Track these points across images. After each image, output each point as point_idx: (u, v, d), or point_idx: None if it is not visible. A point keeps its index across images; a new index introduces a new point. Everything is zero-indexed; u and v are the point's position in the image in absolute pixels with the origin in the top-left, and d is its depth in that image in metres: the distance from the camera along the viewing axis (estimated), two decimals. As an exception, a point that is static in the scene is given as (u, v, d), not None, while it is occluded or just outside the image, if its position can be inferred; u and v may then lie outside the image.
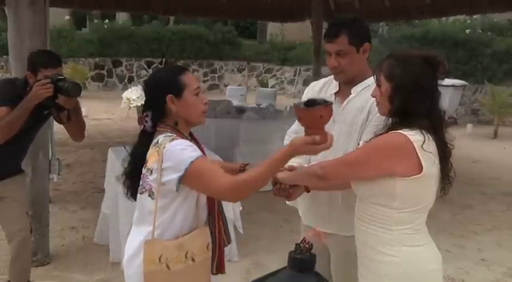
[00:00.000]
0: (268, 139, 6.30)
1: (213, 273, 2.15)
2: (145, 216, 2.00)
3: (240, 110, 7.45)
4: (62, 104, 3.05)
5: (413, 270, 1.91)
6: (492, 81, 12.51)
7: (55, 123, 3.35)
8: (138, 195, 2.02)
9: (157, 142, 1.94)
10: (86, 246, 4.48)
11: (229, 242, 2.24)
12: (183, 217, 1.98)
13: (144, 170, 1.97)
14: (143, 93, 2.05)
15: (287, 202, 2.60)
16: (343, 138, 2.28)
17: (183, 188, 1.92)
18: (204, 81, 18.13)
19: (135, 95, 2.02)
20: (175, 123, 2.02)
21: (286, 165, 2.25)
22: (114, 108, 10.93)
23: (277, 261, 3.30)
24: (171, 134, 1.97)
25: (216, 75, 18.32)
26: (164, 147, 1.89)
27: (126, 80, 16.65)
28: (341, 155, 2.16)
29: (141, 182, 1.99)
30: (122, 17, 18.74)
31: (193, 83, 2.03)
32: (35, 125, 3.29)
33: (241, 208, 4.28)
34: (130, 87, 2.07)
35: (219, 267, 2.18)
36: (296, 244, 1.70)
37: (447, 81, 11.71)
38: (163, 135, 1.96)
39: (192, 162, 1.86)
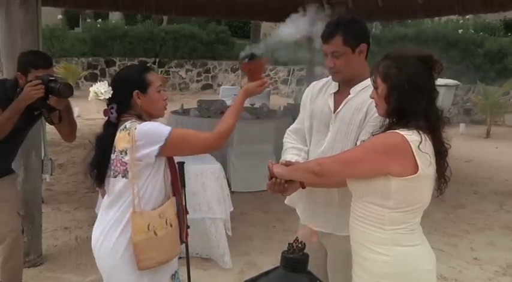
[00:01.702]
0: (262, 139, 6.30)
1: (182, 242, 2.38)
2: (118, 196, 2.19)
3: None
4: (53, 105, 3.04)
5: (406, 270, 1.92)
6: (484, 81, 12.57)
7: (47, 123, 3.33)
8: (111, 179, 2.21)
9: (126, 127, 2.15)
10: (78, 246, 4.46)
11: (187, 212, 2.50)
12: (157, 189, 2.21)
13: (114, 156, 2.17)
14: (110, 88, 2.22)
15: (285, 201, 2.61)
16: (340, 137, 2.29)
17: (159, 159, 2.16)
18: (198, 81, 18.12)
19: (102, 89, 2.17)
20: (139, 115, 2.23)
21: (283, 160, 2.32)
22: (105, 108, 10.89)
23: (270, 261, 3.30)
24: (136, 120, 2.19)
25: (210, 75, 18.30)
26: (135, 129, 2.11)
27: (112, 78, 16.57)
28: None
29: (112, 167, 2.19)
30: (115, 17, 18.68)
31: (157, 81, 2.26)
32: (26, 125, 3.27)
33: (232, 209, 4.27)
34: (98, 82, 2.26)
35: (186, 236, 2.41)
36: (289, 243, 1.69)
37: (440, 81, 11.58)
38: (129, 121, 2.18)
39: (170, 132, 2.13)
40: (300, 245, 1.68)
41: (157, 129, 2.14)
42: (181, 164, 3.77)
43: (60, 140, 3.61)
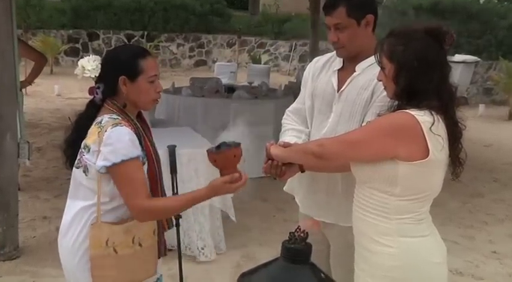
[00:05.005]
0: (260, 120, 6.30)
1: (159, 257, 2.31)
2: (78, 188, 2.17)
3: (230, 89, 7.43)
4: None
5: (413, 262, 1.94)
6: (507, 57, 12.52)
7: (24, 102, 3.30)
8: (74, 168, 2.18)
9: (101, 122, 2.08)
10: (59, 238, 4.49)
11: (169, 227, 2.42)
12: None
13: (82, 145, 2.13)
14: (99, 65, 2.18)
15: (284, 188, 2.63)
16: (344, 119, 2.29)
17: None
18: (190, 57, 18.05)
19: (90, 65, 2.13)
20: (123, 104, 2.15)
21: (280, 141, 2.31)
22: (90, 86, 10.87)
23: (270, 253, 3.32)
24: (117, 117, 2.10)
25: (204, 50, 18.22)
26: (106, 131, 2.04)
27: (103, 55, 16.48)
28: None
29: (78, 156, 2.15)
30: (98, -15, 18.55)
31: (151, 69, 2.15)
32: None
33: (232, 195, 4.30)
34: (88, 55, 2.21)
35: (164, 251, 2.37)
36: (290, 233, 1.71)
37: (457, 57, 11.72)
38: (108, 115, 2.10)
39: (124, 160, 2.02)
40: (302, 235, 1.70)
41: (122, 148, 2.03)
42: (173, 148, 3.79)
43: (38, 121, 3.61)
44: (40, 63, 5.42)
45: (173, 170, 3.65)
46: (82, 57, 2.32)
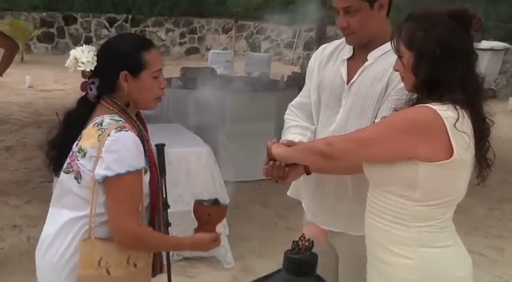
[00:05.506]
0: (261, 116, 6.31)
1: (153, 276, 2.33)
2: (65, 196, 2.13)
3: (226, 80, 7.44)
4: None
5: (433, 275, 1.94)
6: (541, 44, 12.55)
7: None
8: (62, 173, 2.14)
9: (101, 123, 2.05)
10: (32, 249, 4.46)
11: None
12: None
13: (75, 148, 2.09)
14: (95, 57, 2.13)
15: (288, 193, 2.63)
16: (355, 114, 2.30)
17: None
18: (181, 44, 18.09)
19: (85, 57, 2.10)
20: (126, 103, 2.13)
21: (283, 140, 2.32)
22: (67, 76, 10.87)
23: (271, 266, 3.33)
24: (119, 119, 2.08)
25: (196, 36, 18.26)
26: (108, 135, 2.01)
27: (82, 41, 16.54)
28: None
29: (68, 160, 2.11)
30: (75, -39, 18.57)
31: (155, 63, 2.14)
32: None
33: (228, 201, 4.30)
34: (82, 45, 2.16)
35: (160, 268, 2.40)
36: (294, 242, 1.72)
37: (485, 44, 11.73)
38: (109, 116, 2.07)
39: (128, 172, 2.01)
40: (307, 244, 1.71)
41: (128, 157, 2.02)
42: (161, 147, 3.80)
43: (7, 117, 3.62)
44: (11, 50, 5.41)
45: (162, 172, 3.65)
46: (57, 44, 2.30)
